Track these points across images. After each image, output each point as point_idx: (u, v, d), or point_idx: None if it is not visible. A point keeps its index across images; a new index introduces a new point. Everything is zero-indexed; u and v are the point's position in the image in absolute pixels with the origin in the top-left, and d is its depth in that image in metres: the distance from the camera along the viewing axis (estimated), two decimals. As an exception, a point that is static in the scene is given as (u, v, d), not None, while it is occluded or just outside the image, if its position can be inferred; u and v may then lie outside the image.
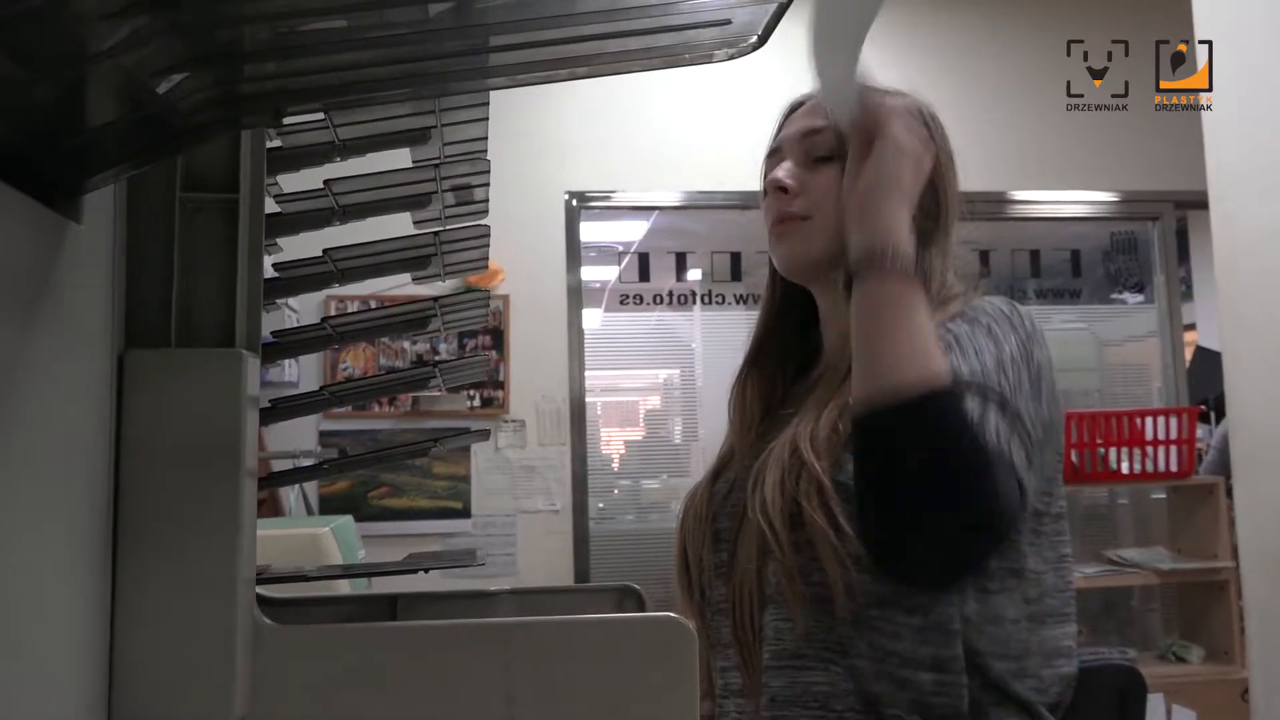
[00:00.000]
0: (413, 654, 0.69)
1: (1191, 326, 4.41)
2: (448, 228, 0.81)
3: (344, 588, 1.48)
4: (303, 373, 3.44)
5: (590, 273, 3.96)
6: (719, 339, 4.14)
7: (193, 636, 0.66)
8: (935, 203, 0.98)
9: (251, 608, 0.70)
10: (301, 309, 3.35)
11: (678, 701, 0.69)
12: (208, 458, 0.67)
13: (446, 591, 0.85)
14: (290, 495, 2.90)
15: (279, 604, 0.82)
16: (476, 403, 3.58)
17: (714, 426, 4.20)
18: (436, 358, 3.56)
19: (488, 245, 0.81)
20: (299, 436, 3.43)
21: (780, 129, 1.06)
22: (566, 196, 3.76)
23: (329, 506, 3.42)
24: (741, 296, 4.00)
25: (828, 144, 0.97)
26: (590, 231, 3.92)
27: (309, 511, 3.18)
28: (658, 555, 3.88)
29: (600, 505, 3.92)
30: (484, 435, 0.77)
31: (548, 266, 3.71)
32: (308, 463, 1.13)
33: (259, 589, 0.81)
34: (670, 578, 3.91)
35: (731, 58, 0.63)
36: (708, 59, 0.62)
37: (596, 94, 3.78)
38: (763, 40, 0.61)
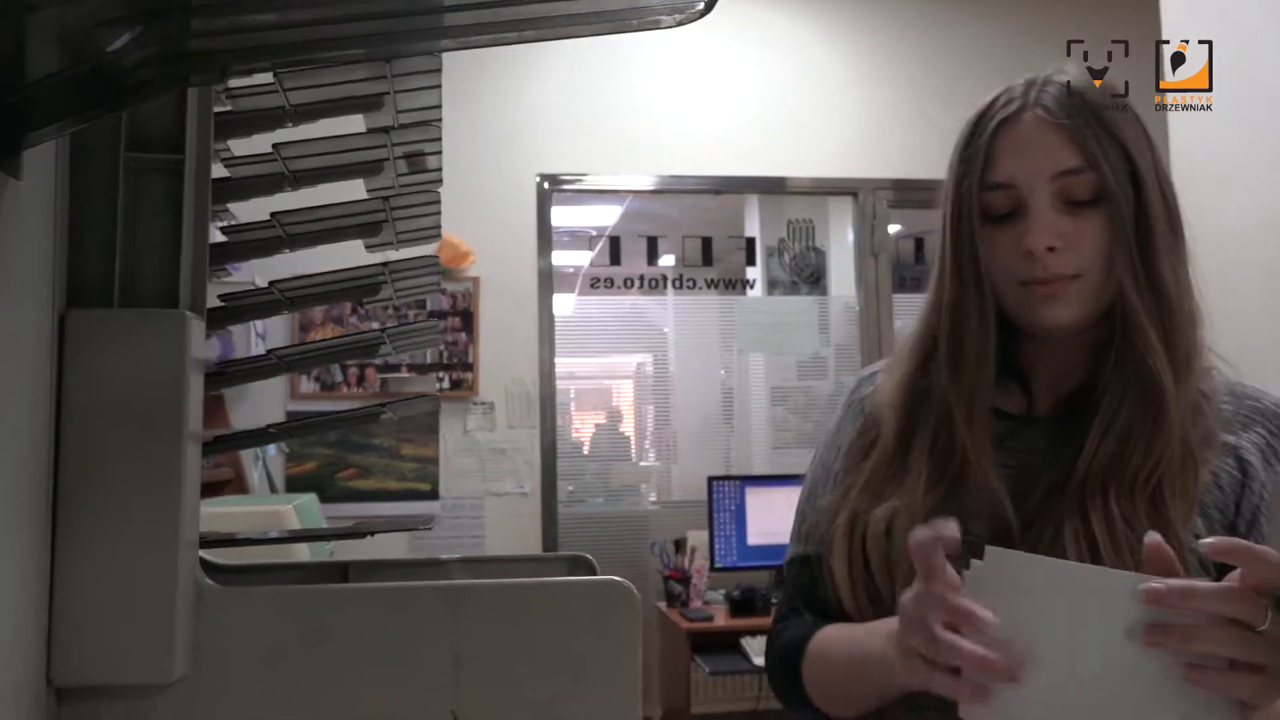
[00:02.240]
0: (359, 616, 0.69)
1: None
2: (400, 192, 0.81)
3: (305, 556, 1.48)
4: (270, 353, 3.41)
5: (564, 257, 3.95)
6: (692, 324, 4.15)
7: (133, 598, 0.66)
8: (1169, 209, 0.88)
9: (194, 570, 0.69)
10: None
11: (621, 662, 0.69)
12: (150, 419, 0.67)
13: (399, 559, 0.86)
14: (254, 474, 2.88)
15: (231, 570, 0.82)
16: (446, 385, 3.56)
17: (688, 411, 4.20)
18: (406, 339, 3.53)
19: (439, 212, 0.81)
20: (266, 418, 3.41)
21: (990, 145, 0.88)
22: (538, 179, 3.74)
23: (296, 487, 3.40)
24: (712, 281, 4.00)
25: (1091, 186, 0.84)
26: (563, 216, 3.91)
27: (273, 490, 3.16)
28: (627, 538, 3.89)
29: (570, 488, 3.92)
30: (434, 404, 0.76)
31: (519, 249, 3.70)
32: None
33: (209, 555, 0.81)
34: (638, 559, 3.92)
35: (680, 23, 0.62)
36: (655, 25, 0.62)
37: (569, 76, 3.77)
38: (709, 6, 0.61)
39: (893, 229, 4.03)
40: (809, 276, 4.08)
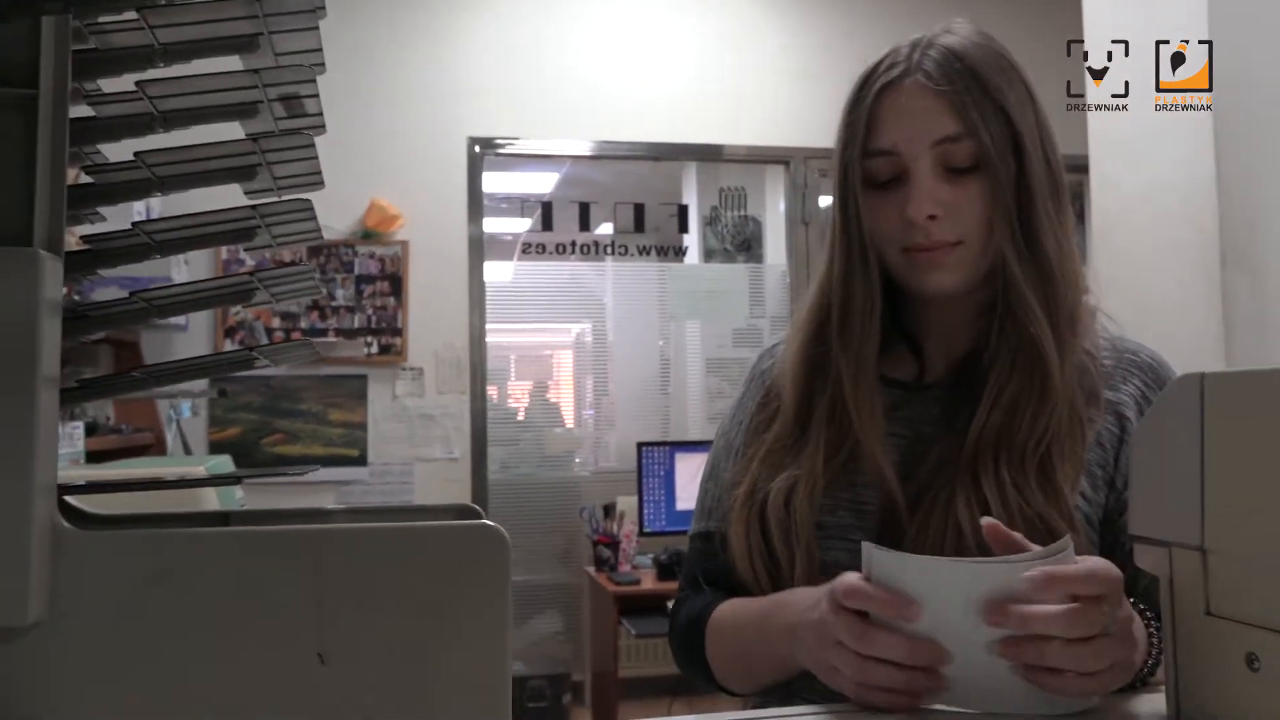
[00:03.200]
0: (219, 560, 0.68)
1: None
2: (276, 135, 0.80)
3: (214, 506, 1.45)
4: (191, 319, 3.34)
5: (501, 224, 3.92)
6: (630, 293, 4.16)
7: (-16, 541, 0.65)
8: (1053, 174, 0.87)
9: (51, 514, 0.68)
10: (192, 263, 3.25)
11: (490, 607, 0.70)
12: (1, 360, 0.65)
13: (284, 509, 0.85)
14: (169, 437, 2.83)
15: (103, 519, 0.81)
16: (374, 350, 3.53)
17: (626, 379, 4.22)
18: (334, 303, 3.49)
19: (315, 157, 0.79)
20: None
21: (872, 111, 0.86)
22: (468, 141, 3.70)
23: (220, 451, 3.35)
24: (645, 248, 4.01)
25: (970, 153, 0.84)
26: (499, 182, 3.87)
27: (188, 453, 3.11)
28: (559, 504, 3.91)
29: (502, 455, 3.92)
30: (310, 350, 0.76)
31: (449, 213, 3.66)
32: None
33: (83, 505, 0.80)
34: (569, 524, 3.92)
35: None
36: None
37: (502, 38, 3.72)
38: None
39: (825, 200, 4.07)
40: (743, 245, 4.10)
